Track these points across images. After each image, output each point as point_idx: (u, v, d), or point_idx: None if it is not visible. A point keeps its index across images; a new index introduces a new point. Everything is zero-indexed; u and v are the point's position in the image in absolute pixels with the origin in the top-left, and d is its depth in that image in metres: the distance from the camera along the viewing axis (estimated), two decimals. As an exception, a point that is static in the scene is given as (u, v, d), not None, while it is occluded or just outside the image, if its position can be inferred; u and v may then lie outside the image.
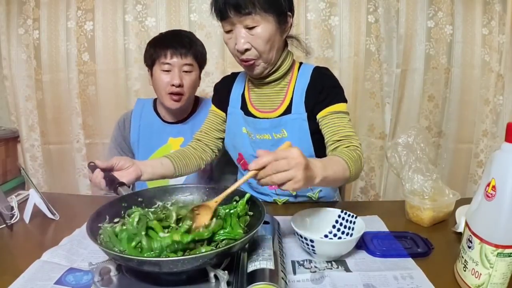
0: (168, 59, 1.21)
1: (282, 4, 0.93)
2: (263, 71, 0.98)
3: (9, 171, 1.98)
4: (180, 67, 1.22)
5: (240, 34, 0.91)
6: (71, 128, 1.96)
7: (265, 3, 0.88)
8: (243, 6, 0.87)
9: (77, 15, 1.82)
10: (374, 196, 2.02)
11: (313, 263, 0.75)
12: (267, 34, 0.91)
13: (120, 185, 0.88)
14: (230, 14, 0.89)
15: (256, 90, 1.07)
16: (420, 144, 0.99)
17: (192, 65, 1.24)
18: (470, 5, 1.80)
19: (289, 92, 1.03)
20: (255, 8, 0.87)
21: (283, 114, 1.03)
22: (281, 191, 1.10)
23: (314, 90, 1.01)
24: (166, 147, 1.31)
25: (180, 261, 0.58)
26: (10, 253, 0.83)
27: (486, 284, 0.62)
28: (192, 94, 1.29)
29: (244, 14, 0.88)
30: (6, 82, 1.93)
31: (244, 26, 0.90)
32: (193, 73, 1.25)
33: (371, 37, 1.80)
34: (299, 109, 1.01)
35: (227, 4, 0.88)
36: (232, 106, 1.11)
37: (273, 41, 0.93)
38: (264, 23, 0.90)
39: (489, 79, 1.86)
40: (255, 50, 0.93)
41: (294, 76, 1.04)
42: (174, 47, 1.22)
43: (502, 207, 0.58)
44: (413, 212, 0.95)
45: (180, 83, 1.21)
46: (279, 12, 0.92)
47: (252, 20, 0.89)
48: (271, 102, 1.05)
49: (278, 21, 0.93)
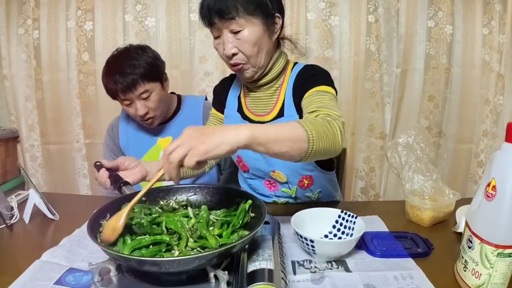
0: (122, 97, 1.18)
1: (268, 6, 0.91)
2: (253, 75, 0.97)
3: (9, 171, 1.98)
4: (137, 97, 1.17)
5: (227, 39, 0.90)
6: (71, 128, 1.96)
7: (248, 7, 0.87)
8: (226, 11, 0.86)
9: (77, 15, 1.82)
10: (374, 196, 2.02)
11: (313, 263, 0.75)
12: (253, 37, 0.89)
13: (124, 184, 0.88)
14: (215, 20, 0.88)
15: (250, 93, 1.06)
16: (420, 144, 0.99)
17: (147, 90, 1.17)
18: (470, 5, 1.80)
19: (281, 95, 1.01)
20: (238, 12, 0.86)
21: (276, 117, 1.01)
22: (280, 193, 1.09)
23: (297, 86, 0.98)
24: (155, 148, 1.31)
25: (180, 261, 0.58)
26: (10, 253, 0.83)
27: (486, 284, 0.62)
28: (164, 107, 1.26)
29: (228, 19, 0.87)
30: (6, 82, 1.93)
31: (230, 30, 0.89)
32: (153, 94, 1.18)
33: (371, 37, 1.80)
34: (291, 111, 0.99)
35: (210, 11, 0.87)
36: (228, 108, 1.10)
37: (260, 44, 0.91)
38: (250, 26, 0.88)
39: (489, 79, 1.86)
40: (242, 54, 0.91)
41: (286, 78, 1.02)
42: (121, 83, 1.14)
43: (502, 207, 0.58)
44: (413, 212, 0.95)
45: (145, 111, 1.19)
46: (266, 14, 0.90)
47: (237, 24, 0.88)
48: (264, 105, 1.03)
49: (265, 23, 0.91)
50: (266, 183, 1.10)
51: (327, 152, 0.73)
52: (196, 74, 1.86)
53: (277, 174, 1.04)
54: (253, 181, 1.13)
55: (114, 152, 1.36)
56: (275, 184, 1.08)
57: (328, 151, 0.73)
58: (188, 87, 1.85)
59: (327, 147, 0.71)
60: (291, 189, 1.07)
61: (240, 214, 0.74)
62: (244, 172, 1.13)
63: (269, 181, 1.09)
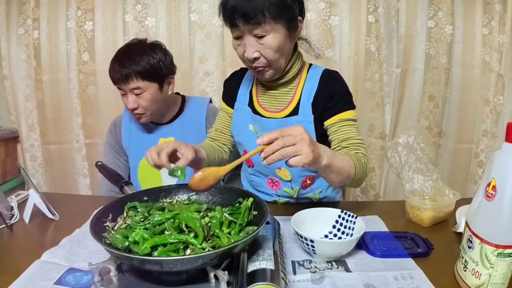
0: (117, 86, 1.19)
1: (293, 10, 0.89)
2: (272, 76, 0.97)
3: (9, 171, 1.98)
4: (130, 91, 1.17)
5: (250, 43, 0.88)
6: (71, 128, 1.95)
7: (275, 12, 0.85)
8: (252, 16, 0.84)
9: (77, 15, 1.82)
10: (374, 196, 2.02)
11: (313, 263, 0.75)
12: (277, 43, 0.88)
13: (126, 184, 0.88)
14: (238, 23, 0.86)
15: (264, 89, 1.06)
16: (420, 144, 0.99)
17: (140, 88, 1.16)
18: (470, 5, 1.80)
19: (297, 94, 1.02)
20: (265, 18, 0.84)
21: (289, 115, 1.02)
22: (282, 192, 1.09)
23: (323, 95, 0.99)
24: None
25: (180, 260, 0.59)
26: (10, 253, 0.83)
27: (486, 284, 0.62)
28: (156, 108, 1.23)
29: (253, 24, 0.85)
30: (6, 82, 1.93)
31: (253, 35, 0.88)
32: (146, 93, 1.17)
33: (371, 37, 1.80)
34: (306, 111, 1.00)
35: (235, 13, 0.85)
36: (239, 102, 1.10)
37: (282, 49, 0.91)
38: (274, 32, 0.87)
39: (489, 79, 1.85)
40: (264, 59, 0.91)
41: (303, 78, 1.03)
42: (116, 73, 1.15)
43: (502, 207, 0.58)
44: (413, 212, 0.95)
45: (133, 106, 1.19)
46: (290, 19, 0.89)
47: (262, 29, 0.86)
48: (278, 102, 1.04)
49: (288, 27, 0.90)
50: (268, 181, 1.10)
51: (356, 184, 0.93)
52: (196, 74, 1.86)
53: (283, 172, 1.05)
54: (256, 178, 1.13)
55: (116, 150, 1.35)
56: (277, 183, 1.08)
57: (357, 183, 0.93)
58: (188, 87, 1.85)
59: (359, 179, 0.91)
60: (293, 189, 1.08)
61: (245, 212, 0.75)
62: (248, 167, 1.13)
63: (272, 180, 1.09)
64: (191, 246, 0.66)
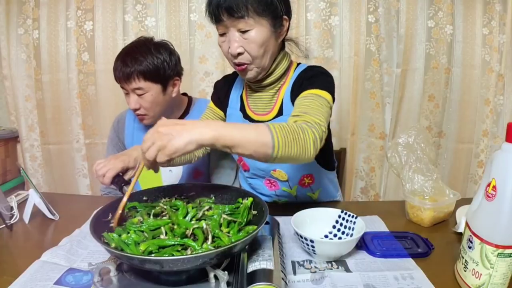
0: (119, 84, 1.17)
1: (277, 7, 0.90)
2: (256, 76, 0.96)
3: (8, 171, 1.98)
4: (132, 91, 1.15)
5: (234, 38, 0.89)
6: (70, 128, 1.95)
7: (258, 7, 0.86)
8: (236, 10, 0.85)
9: (77, 15, 1.81)
10: (374, 196, 2.02)
11: (313, 263, 0.75)
12: (260, 38, 0.88)
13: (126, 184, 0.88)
14: (223, 17, 0.87)
15: (252, 92, 1.05)
16: (420, 144, 0.99)
17: (142, 88, 1.14)
18: (471, 5, 1.80)
19: (281, 94, 1.01)
20: (248, 12, 0.85)
21: (276, 116, 1.01)
22: (281, 192, 1.09)
23: (296, 86, 0.97)
24: None
25: (180, 260, 0.58)
26: (9, 253, 0.83)
27: (487, 285, 0.61)
28: (159, 110, 1.21)
29: (237, 18, 0.86)
30: (5, 82, 1.93)
31: (238, 29, 0.88)
32: (148, 94, 1.15)
33: (371, 37, 1.80)
34: (289, 110, 0.97)
35: (220, 8, 0.86)
36: (231, 108, 1.10)
37: (267, 45, 0.90)
38: (258, 27, 0.87)
39: (489, 79, 1.85)
40: (247, 54, 0.90)
41: (289, 78, 1.01)
42: (119, 71, 1.13)
43: (502, 207, 0.58)
44: (414, 212, 0.95)
45: (135, 107, 1.17)
46: (274, 16, 0.90)
47: (246, 23, 0.86)
48: (265, 105, 1.03)
49: (273, 24, 0.90)
50: (266, 182, 1.10)
51: (295, 159, 0.73)
52: (196, 74, 1.86)
53: (278, 173, 1.04)
54: (254, 181, 1.13)
55: (118, 147, 1.35)
56: (275, 183, 1.08)
57: (296, 158, 0.73)
58: (188, 87, 1.85)
59: (295, 154, 0.72)
60: (292, 188, 1.07)
61: (244, 212, 0.75)
62: (244, 171, 1.13)
63: (270, 180, 1.09)
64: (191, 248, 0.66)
